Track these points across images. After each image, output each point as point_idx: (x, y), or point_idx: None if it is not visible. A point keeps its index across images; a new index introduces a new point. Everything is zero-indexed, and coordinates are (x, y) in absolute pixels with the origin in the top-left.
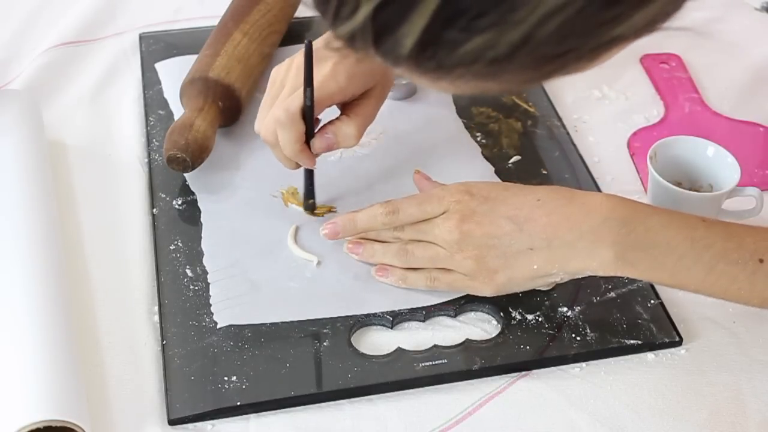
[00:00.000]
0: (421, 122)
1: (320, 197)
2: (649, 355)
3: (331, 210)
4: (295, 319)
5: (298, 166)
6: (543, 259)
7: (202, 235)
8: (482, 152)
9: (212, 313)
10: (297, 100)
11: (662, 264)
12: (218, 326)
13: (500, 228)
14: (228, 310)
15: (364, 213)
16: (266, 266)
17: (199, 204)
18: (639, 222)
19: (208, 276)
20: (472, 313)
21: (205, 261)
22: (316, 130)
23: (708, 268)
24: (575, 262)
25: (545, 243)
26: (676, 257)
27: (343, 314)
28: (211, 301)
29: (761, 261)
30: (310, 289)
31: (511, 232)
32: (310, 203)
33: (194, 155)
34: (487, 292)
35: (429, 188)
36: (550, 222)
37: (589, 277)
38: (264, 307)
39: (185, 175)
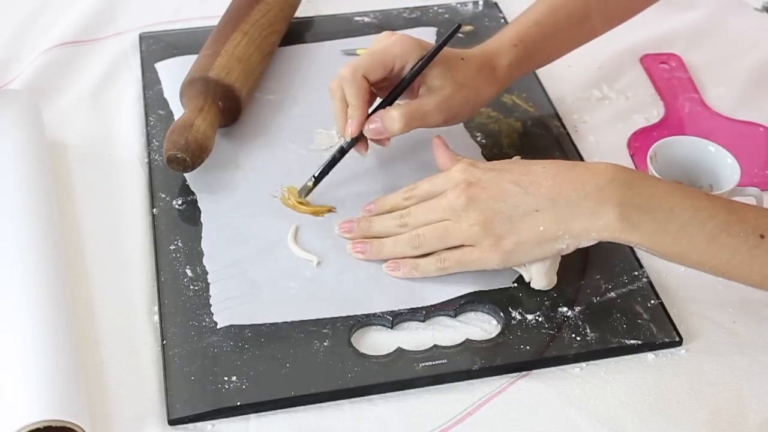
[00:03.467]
0: None
1: (320, 197)
2: (649, 355)
3: (330, 210)
4: (295, 319)
5: (355, 136)
6: (549, 220)
7: (202, 235)
8: (482, 152)
9: (212, 313)
10: (362, 60)
11: (665, 229)
12: (218, 326)
13: (505, 191)
14: (228, 310)
15: (387, 196)
16: (266, 266)
17: (199, 204)
18: (644, 187)
19: (208, 276)
20: (472, 313)
21: (205, 261)
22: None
23: (710, 237)
24: (580, 221)
25: (551, 203)
26: (679, 223)
27: (343, 314)
28: (211, 301)
29: (762, 237)
30: (310, 289)
31: (517, 194)
32: (307, 186)
33: (194, 155)
34: (495, 261)
35: (445, 154)
36: (555, 183)
37: (590, 276)
38: (264, 307)
39: (185, 175)
